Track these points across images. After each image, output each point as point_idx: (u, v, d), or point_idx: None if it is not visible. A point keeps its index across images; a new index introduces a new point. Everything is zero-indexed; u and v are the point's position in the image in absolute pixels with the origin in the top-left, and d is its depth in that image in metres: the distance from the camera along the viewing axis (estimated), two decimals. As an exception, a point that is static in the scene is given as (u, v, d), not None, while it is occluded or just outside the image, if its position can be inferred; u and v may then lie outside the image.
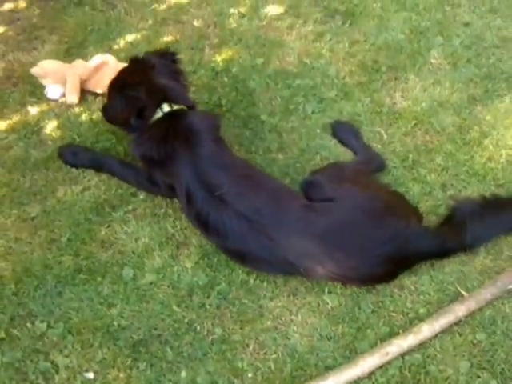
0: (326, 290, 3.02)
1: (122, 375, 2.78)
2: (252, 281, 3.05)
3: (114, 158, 3.52)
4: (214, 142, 3.18)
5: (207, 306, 2.98)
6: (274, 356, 2.83)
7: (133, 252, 3.16)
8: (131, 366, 2.80)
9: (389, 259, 2.94)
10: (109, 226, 3.26)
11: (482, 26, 4.20)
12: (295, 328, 2.92)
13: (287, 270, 3.00)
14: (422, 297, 3.00)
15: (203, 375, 2.78)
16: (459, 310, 2.89)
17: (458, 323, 2.89)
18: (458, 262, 3.10)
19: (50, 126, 3.66)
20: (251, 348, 2.86)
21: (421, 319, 2.90)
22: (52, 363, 2.82)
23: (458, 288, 3.02)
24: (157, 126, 3.20)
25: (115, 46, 4.03)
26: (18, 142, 3.61)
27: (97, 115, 3.68)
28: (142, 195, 3.37)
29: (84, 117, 3.70)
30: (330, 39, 4.09)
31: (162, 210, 3.31)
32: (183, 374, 2.79)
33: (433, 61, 4.00)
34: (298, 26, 4.17)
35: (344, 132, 3.61)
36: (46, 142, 3.60)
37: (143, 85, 3.19)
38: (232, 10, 4.25)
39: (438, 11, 4.28)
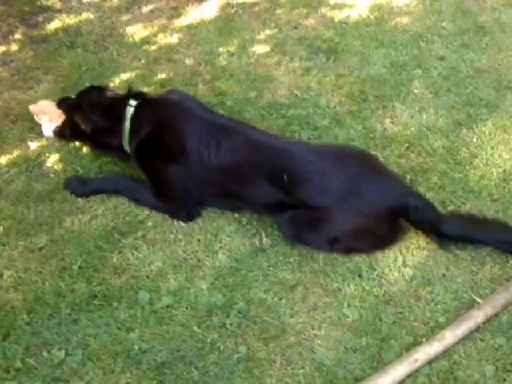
0: (346, 304, 2.85)
1: (148, 398, 2.53)
2: (270, 299, 2.87)
3: (123, 176, 3.35)
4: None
5: (228, 326, 2.77)
6: (302, 371, 2.63)
7: (147, 276, 2.94)
8: (157, 389, 2.56)
9: (358, 186, 2.94)
10: (120, 253, 3.03)
11: (457, 59, 4.19)
12: (320, 342, 2.73)
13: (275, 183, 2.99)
14: (439, 306, 2.86)
15: (229, 394, 2.55)
16: (478, 316, 2.77)
17: (477, 329, 2.76)
18: (468, 271, 2.99)
19: (52, 160, 3.43)
20: (278, 364, 2.65)
21: (441, 327, 2.76)
22: (74, 391, 2.55)
23: (473, 296, 2.89)
24: (141, 119, 3.18)
25: (111, 84, 3.85)
26: (20, 175, 3.36)
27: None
28: (150, 222, 3.17)
29: (85, 149, 3.49)
30: (317, 73, 4.02)
31: (172, 236, 3.11)
32: (210, 394, 2.55)
33: (415, 91, 3.95)
34: (285, 62, 4.09)
35: None
36: (48, 175, 3.37)
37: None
38: (221, 49, 4.15)
39: (413, 47, 4.26)
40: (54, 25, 4.30)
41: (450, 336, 2.69)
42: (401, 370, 2.58)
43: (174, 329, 2.75)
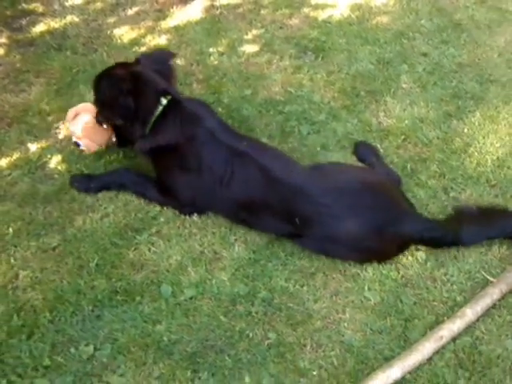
0: (366, 288, 2.94)
1: (186, 386, 2.54)
2: (291, 286, 2.93)
3: (129, 171, 3.36)
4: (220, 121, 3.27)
5: (254, 314, 2.82)
6: (333, 353, 2.70)
7: (166, 270, 2.96)
8: (192, 378, 2.59)
9: (381, 231, 2.94)
10: (136, 249, 3.04)
11: (439, 55, 4.35)
12: (346, 325, 2.80)
13: (288, 220, 2.99)
14: (455, 286, 2.97)
15: (268, 378, 2.60)
16: (493, 293, 2.89)
17: (494, 306, 2.88)
18: (477, 252, 3.11)
19: (54, 161, 3.41)
20: (309, 347, 2.71)
21: (460, 306, 2.87)
22: (107, 384, 2.55)
23: (485, 275, 3.02)
24: (164, 118, 3.16)
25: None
26: (23, 177, 3.32)
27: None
28: (162, 218, 3.18)
29: (87, 149, 3.48)
30: (308, 71, 4.11)
31: (186, 230, 3.14)
32: (247, 379, 2.60)
33: (404, 85, 4.08)
34: (275, 60, 4.17)
35: (365, 151, 3.59)
36: (53, 176, 3.35)
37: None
38: (211, 50, 4.19)
39: (396, 44, 4.40)
40: (39, 28, 4.26)
41: (470, 313, 2.80)
42: (429, 346, 2.67)
43: (201, 319, 2.78)
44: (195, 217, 3.19)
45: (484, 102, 4.01)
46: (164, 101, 3.17)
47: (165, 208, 3.22)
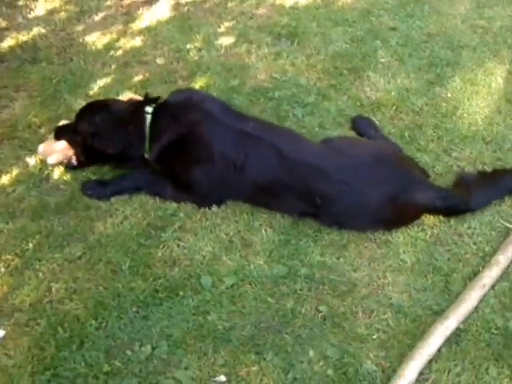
0: (401, 251, 3.03)
1: (253, 369, 2.57)
2: (328, 260, 2.99)
3: (142, 171, 3.32)
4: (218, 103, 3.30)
5: (299, 291, 2.86)
6: (386, 316, 2.77)
7: (201, 263, 2.96)
8: (258, 360, 2.61)
9: (394, 199, 3.02)
10: (164, 247, 3.02)
11: (407, 28, 4.51)
12: (390, 288, 2.88)
13: (307, 200, 3.03)
14: (480, 238, 3.11)
15: (331, 349, 2.64)
16: (519, 239, 3.03)
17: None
18: (492, 205, 3.26)
19: (57, 172, 3.34)
20: (361, 314, 2.78)
21: (490, 255, 3.01)
22: (174, 379, 2.55)
23: (505, 223, 3.17)
24: (160, 124, 3.16)
25: (90, 92, 3.81)
26: (29, 191, 3.25)
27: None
28: (181, 213, 3.18)
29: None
30: (288, 56, 4.18)
31: (208, 222, 3.14)
32: (311, 353, 2.63)
33: (382, 60, 4.21)
34: (253, 50, 4.21)
35: (363, 125, 3.67)
36: (59, 187, 3.28)
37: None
38: (188, 46, 4.20)
39: (365, 22, 4.53)
40: (7, 43, 4.16)
41: (503, 259, 2.94)
42: (475, 295, 2.79)
43: (249, 304, 2.80)
44: (214, 208, 3.19)
45: (460, 67, 4.18)
46: (149, 109, 3.18)
47: (182, 203, 3.21)
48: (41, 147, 3.34)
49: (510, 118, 3.81)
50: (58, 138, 3.33)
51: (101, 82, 3.89)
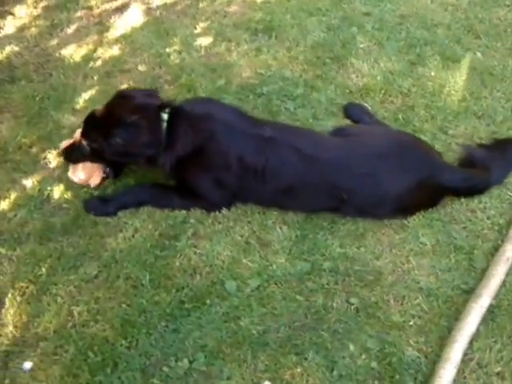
0: (420, 234, 2.97)
1: (297, 370, 2.49)
2: (349, 251, 2.93)
3: (146, 185, 3.20)
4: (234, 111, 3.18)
5: (326, 286, 2.78)
6: (417, 301, 2.73)
7: (221, 268, 2.86)
8: (299, 361, 2.53)
9: (419, 185, 2.95)
10: (180, 256, 2.91)
11: (380, 12, 4.44)
12: (416, 272, 2.83)
13: (333, 196, 2.95)
14: (492, 211, 3.09)
15: (370, 340, 2.59)
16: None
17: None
18: (497, 178, 3.21)
19: (57, 191, 3.18)
20: (393, 302, 2.73)
21: (506, 227, 2.99)
22: (215, 391, 2.43)
23: (512, 194, 3.14)
24: (173, 130, 2.99)
25: (77, 106, 3.64)
26: (31, 214, 3.08)
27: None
28: (192, 219, 3.06)
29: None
30: (268, 51, 4.07)
31: (221, 226, 3.04)
32: (351, 347, 2.57)
33: (361, 45, 4.14)
34: (233, 48, 4.09)
35: (356, 112, 3.60)
36: (62, 207, 3.12)
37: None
38: (167, 50, 4.06)
39: (338, 10, 4.45)
40: (-19, 65, 3.98)
41: (520, 231, 2.91)
42: (501, 270, 2.76)
43: (279, 304, 2.72)
44: (224, 211, 3.09)
45: (438, 45, 4.15)
46: (165, 115, 3.00)
47: (191, 210, 3.09)
48: (75, 176, 3.20)
49: (496, 91, 3.79)
50: (72, 160, 3.19)
51: (86, 95, 3.72)
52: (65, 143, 3.25)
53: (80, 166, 3.17)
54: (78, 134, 3.18)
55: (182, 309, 2.70)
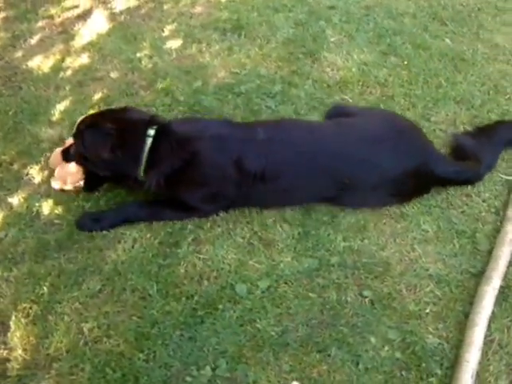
0: (421, 221, 3.02)
1: (323, 368, 2.50)
2: (354, 244, 2.96)
3: (136, 202, 3.13)
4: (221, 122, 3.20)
5: (337, 281, 2.80)
6: (429, 288, 2.79)
7: (228, 271, 2.84)
8: (322, 358, 2.55)
9: (415, 170, 3.00)
10: (184, 263, 2.88)
11: (345, 5, 4.50)
12: (423, 260, 2.88)
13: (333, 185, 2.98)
14: (487, 194, 3.18)
15: (391, 331, 2.63)
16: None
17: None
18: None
19: (46, 207, 3.10)
20: (405, 291, 2.77)
21: (502, 209, 3.07)
22: (248, 397, 2.43)
23: (504, 176, 3.26)
24: (158, 147, 2.93)
25: (53, 118, 3.55)
26: (23, 233, 2.99)
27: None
28: (190, 225, 3.03)
29: (76, 184, 3.22)
30: (240, 50, 4.06)
31: (220, 229, 3.02)
32: (372, 340, 2.60)
33: (332, 39, 4.18)
34: (204, 49, 4.08)
35: (343, 112, 3.51)
36: (54, 222, 3.05)
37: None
38: (138, 55, 4.00)
39: (303, 5, 4.48)
40: None
41: (517, 211, 2.99)
42: (506, 251, 2.84)
43: (292, 303, 2.72)
44: (221, 213, 3.07)
45: (407, 34, 4.23)
46: (151, 132, 2.93)
47: (187, 218, 3.07)
48: (53, 183, 3.17)
49: (470, 75, 3.89)
50: (66, 159, 3.15)
51: (60, 106, 3.64)
52: (68, 141, 3.23)
53: (56, 172, 3.16)
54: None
55: (195, 316, 2.67)
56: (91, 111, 3.54)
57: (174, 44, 4.12)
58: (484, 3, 4.50)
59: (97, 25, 4.26)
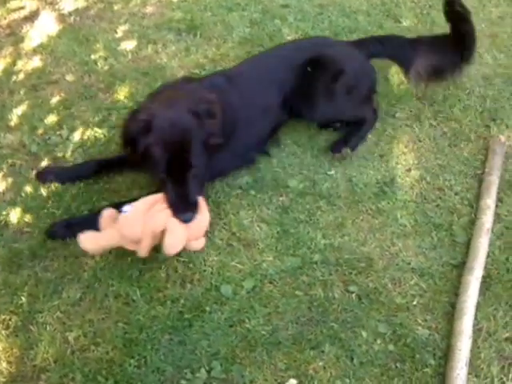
0: (398, 216, 3.17)
1: (318, 364, 2.59)
2: (334, 240, 3.08)
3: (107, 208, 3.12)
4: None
5: (321, 278, 2.91)
6: (414, 280, 2.92)
7: (211, 273, 2.92)
8: (317, 354, 2.65)
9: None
10: (165, 266, 2.94)
11: (297, 3, 4.66)
12: (404, 253, 3.03)
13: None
14: (458, 187, 3.37)
15: (381, 325, 2.75)
16: (494, 181, 3.33)
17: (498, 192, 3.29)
18: (454, 155, 3.54)
19: (14, 215, 3.11)
20: (390, 285, 2.90)
21: (474, 200, 3.25)
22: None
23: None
24: None
25: (11, 123, 3.55)
26: (-9, 244, 3.00)
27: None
28: (166, 228, 3.08)
29: (43, 190, 3.23)
30: (197, 50, 4.16)
31: (198, 231, 3.08)
32: (364, 334, 2.71)
33: (288, 37, 4.31)
34: (160, 49, 4.14)
35: None
36: (23, 231, 3.06)
37: None
38: (93, 57, 4.03)
39: (257, 4, 4.61)
40: None
41: (491, 202, 3.19)
42: (484, 241, 3.00)
43: (280, 302, 2.81)
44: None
45: (362, 32, 4.40)
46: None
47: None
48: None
49: (429, 71, 4.08)
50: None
51: (17, 111, 3.63)
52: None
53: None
54: None
55: (183, 320, 2.73)
56: (50, 116, 3.56)
57: (129, 45, 4.16)
58: (435, 0, 4.72)
59: (46, 27, 4.27)
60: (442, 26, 4.36)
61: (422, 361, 2.60)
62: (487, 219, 3.09)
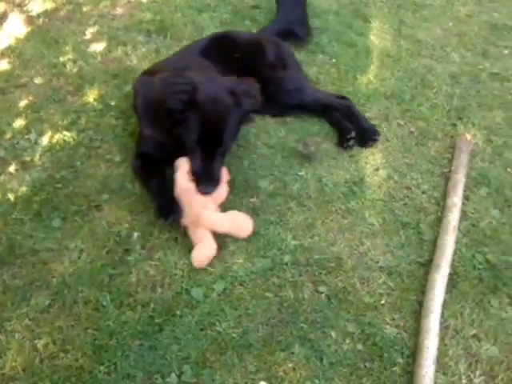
0: (366, 215, 3.18)
1: (288, 366, 2.60)
2: (304, 241, 3.08)
3: None
4: None
5: (291, 279, 2.91)
6: (382, 280, 2.95)
7: (182, 276, 2.90)
8: (287, 356, 2.64)
9: None
10: (136, 270, 2.91)
11: (268, 4, 4.69)
12: (372, 252, 3.05)
13: None
14: (426, 186, 3.40)
15: (349, 324, 2.76)
16: (461, 179, 3.37)
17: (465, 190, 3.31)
18: (420, 152, 3.57)
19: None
20: (359, 284, 2.92)
21: (442, 198, 3.26)
22: (216, 398, 2.49)
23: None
24: None
25: (-19, 127, 3.51)
26: None
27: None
28: (135, 233, 3.06)
29: (11, 195, 3.20)
30: (167, 51, 4.12)
31: (169, 235, 3.07)
32: (333, 334, 2.73)
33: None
34: (130, 51, 4.11)
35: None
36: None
37: None
38: (61, 59, 3.99)
39: (226, 4, 4.61)
40: None
41: (457, 200, 3.24)
42: (450, 239, 3.04)
43: (250, 304, 2.80)
44: (168, 221, 3.08)
45: (332, 32, 4.45)
46: None
47: (134, 222, 3.10)
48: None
49: (396, 71, 4.12)
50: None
51: (-13, 116, 3.59)
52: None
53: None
54: None
55: (153, 324, 2.70)
56: (19, 119, 3.52)
57: (98, 47, 4.13)
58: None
59: (14, 29, 4.22)
60: (410, 26, 4.44)
61: (391, 359, 2.61)
62: (454, 217, 3.12)
